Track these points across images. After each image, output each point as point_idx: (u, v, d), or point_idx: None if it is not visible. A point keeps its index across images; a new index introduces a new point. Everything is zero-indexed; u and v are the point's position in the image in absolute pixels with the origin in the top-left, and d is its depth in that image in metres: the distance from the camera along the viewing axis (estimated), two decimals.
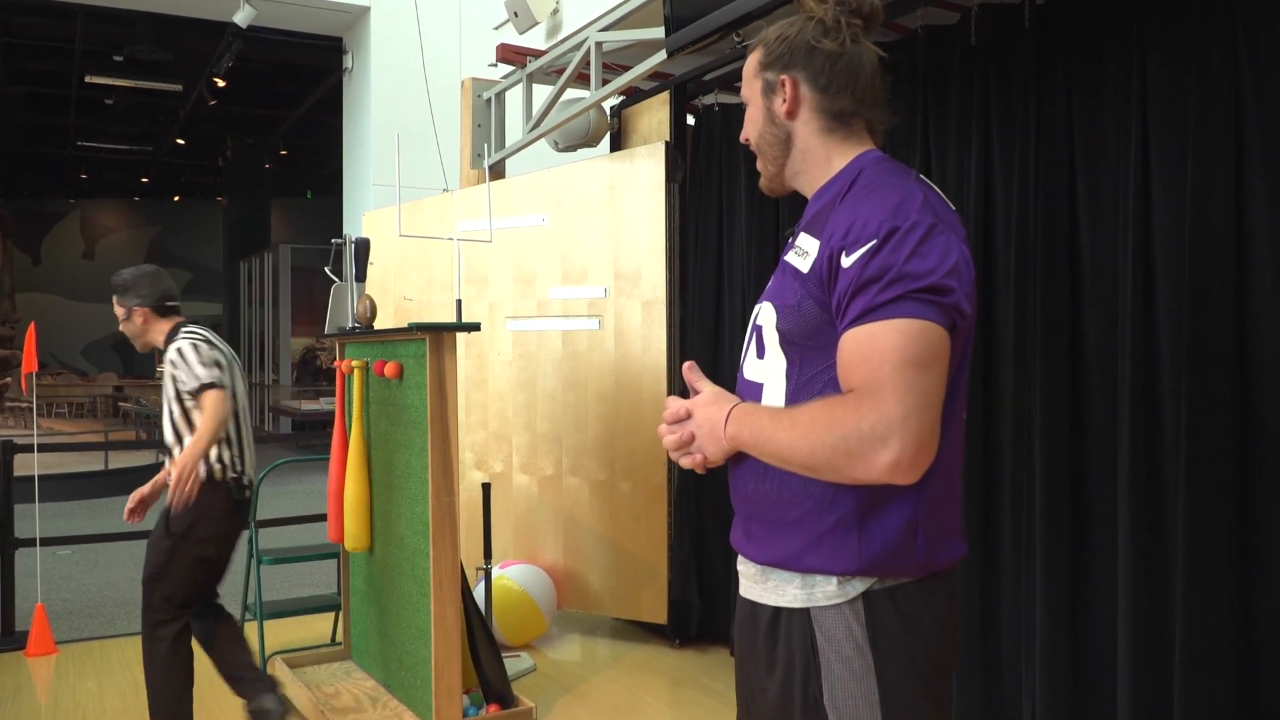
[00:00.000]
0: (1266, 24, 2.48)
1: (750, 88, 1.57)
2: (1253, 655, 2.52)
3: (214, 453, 3.17)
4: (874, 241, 1.32)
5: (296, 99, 14.04)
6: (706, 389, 1.50)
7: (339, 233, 4.81)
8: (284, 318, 16.38)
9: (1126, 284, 2.76)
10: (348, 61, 8.15)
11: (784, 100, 1.51)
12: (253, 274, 17.78)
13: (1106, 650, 2.83)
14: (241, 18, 7.19)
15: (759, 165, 1.59)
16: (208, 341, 3.24)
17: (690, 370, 1.53)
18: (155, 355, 3.70)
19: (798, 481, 1.39)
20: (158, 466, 11.12)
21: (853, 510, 1.37)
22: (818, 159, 1.52)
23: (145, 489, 3.32)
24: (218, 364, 3.19)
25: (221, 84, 10.37)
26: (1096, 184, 2.90)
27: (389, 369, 3.45)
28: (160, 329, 3.36)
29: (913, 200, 1.36)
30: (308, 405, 14.50)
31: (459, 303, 3.47)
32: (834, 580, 1.39)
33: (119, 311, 3.39)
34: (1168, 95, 2.68)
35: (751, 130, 1.58)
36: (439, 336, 3.27)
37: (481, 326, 3.65)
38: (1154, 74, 2.71)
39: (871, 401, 1.27)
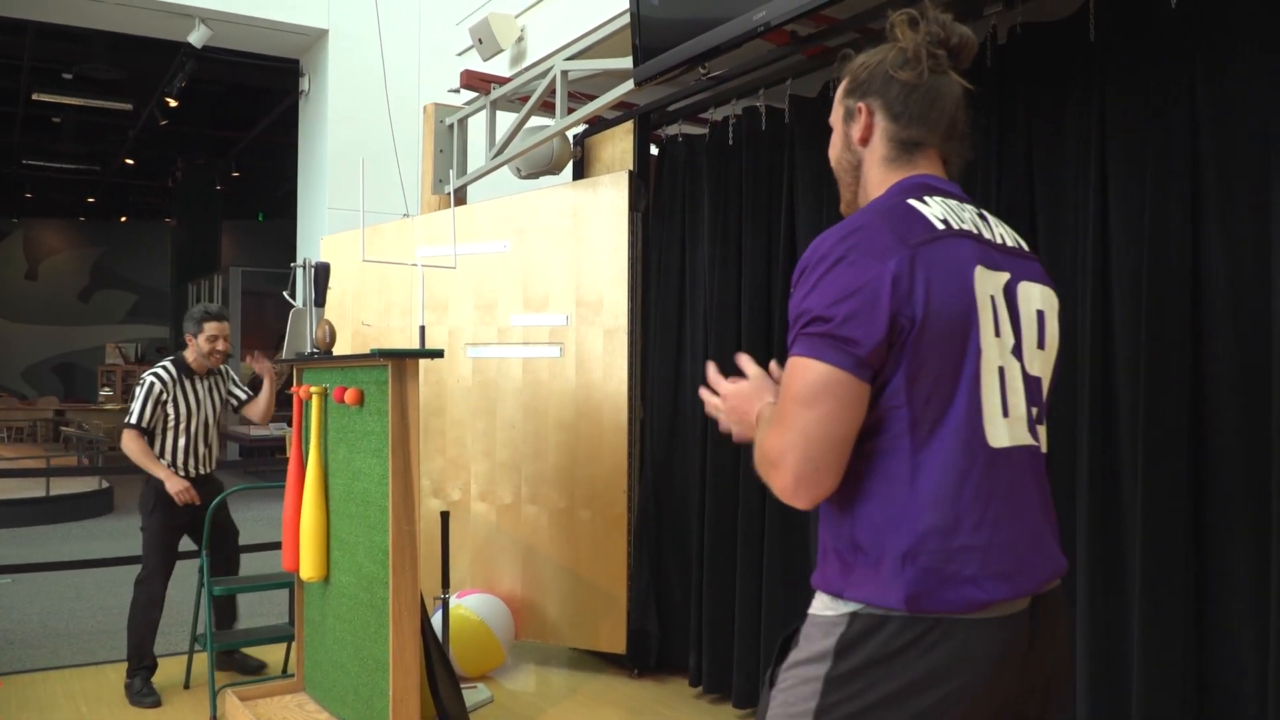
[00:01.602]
0: (1223, 63, 2.55)
1: (835, 113, 1.60)
2: (1203, 668, 2.57)
3: None
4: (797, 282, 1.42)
5: (250, 120, 13.89)
6: (751, 374, 1.59)
7: (291, 256, 4.77)
8: (233, 341, 16.13)
9: (1085, 321, 2.81)
10: (304, 84, 8.08)
11: (860, 128, 1.54)
12: (201, 296, 17.50)
13: None
14: (196, 38, 7.10)
15: (840, 190, 1.63)
16: None
17: (740, 358, 1.63)
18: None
19: (826, 508, 1.44)
20: (103, 493, 10.79)
21: (852, 536, 1.40)
22: (874, 187, 1.54)
23: None
24: None
25: (174, 104, 10.21)
26: (1056, 223, 2.95)
27: (349, 395, 3.41)
28: None
29: (838, 233, 1.39)
30: (256, 431, 14.24)
31: (422, 329, 3.44)
32: (827, 596, 1.42)
33: None
34: (1127, 135, 2.74)
35: (832, 155, 1.62)
36: (401, 363, 3.23)
37: (444, 353, 3.62)
38: (1113, 113, 2.77)
39: (773, 428, 1.39)
